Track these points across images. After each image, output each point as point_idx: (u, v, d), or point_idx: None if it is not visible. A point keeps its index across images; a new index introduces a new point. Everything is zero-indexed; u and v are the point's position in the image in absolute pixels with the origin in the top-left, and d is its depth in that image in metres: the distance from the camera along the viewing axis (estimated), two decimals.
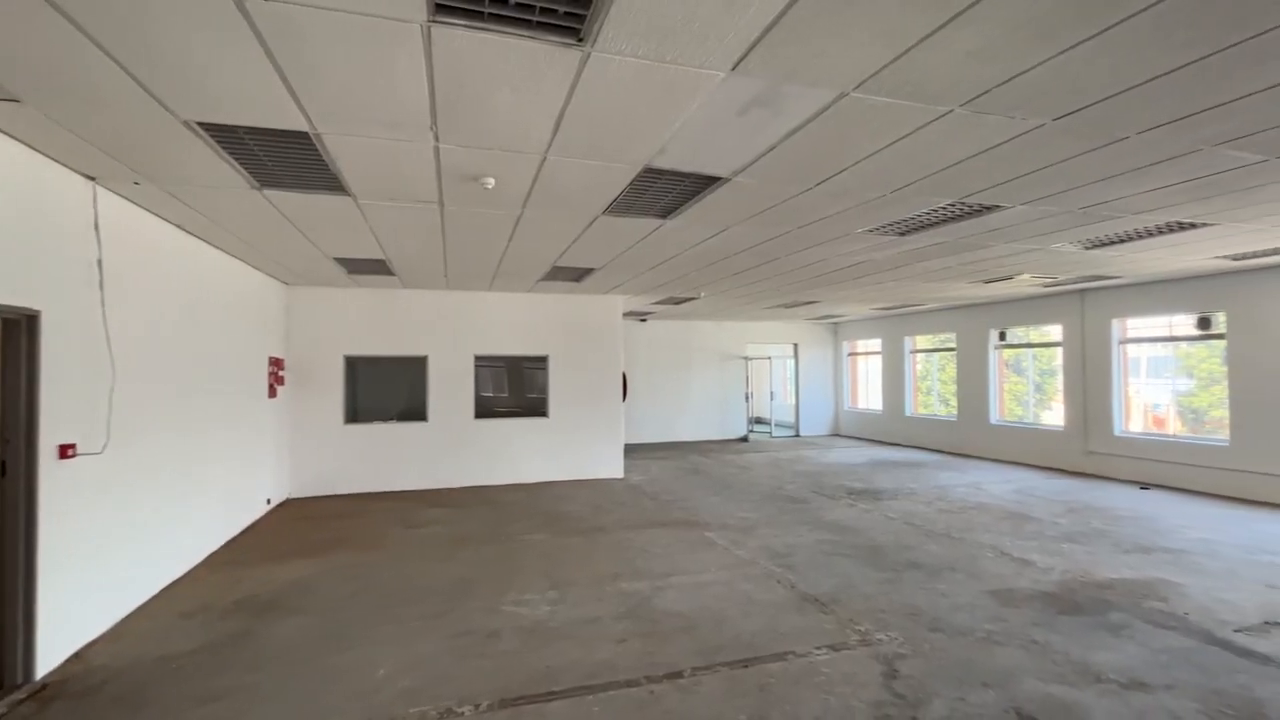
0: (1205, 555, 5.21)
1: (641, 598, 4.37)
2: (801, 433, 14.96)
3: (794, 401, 15.22)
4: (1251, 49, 2.27)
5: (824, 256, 6.30)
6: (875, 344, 14.14)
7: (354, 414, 8.42)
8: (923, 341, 13.01)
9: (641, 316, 12.97)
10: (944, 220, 4.81)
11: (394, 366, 8.63)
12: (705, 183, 3.85)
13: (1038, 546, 5.51)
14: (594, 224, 4.89)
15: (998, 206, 4.42)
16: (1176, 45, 2.25)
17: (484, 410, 8.96)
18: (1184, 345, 9.19)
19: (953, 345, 11.92)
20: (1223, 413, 7.95)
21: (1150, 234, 5.30)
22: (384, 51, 2.28)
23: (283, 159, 3.39)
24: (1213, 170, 3.61)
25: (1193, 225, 5.01)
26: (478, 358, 8.91)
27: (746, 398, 14.62)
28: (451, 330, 8.75)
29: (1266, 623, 3.83)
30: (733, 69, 2.41)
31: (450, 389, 8.71)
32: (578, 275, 7.47)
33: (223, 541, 5.83)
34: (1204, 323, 8.02)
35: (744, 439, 14.21)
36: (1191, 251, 6.16)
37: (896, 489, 8.24)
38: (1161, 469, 8.35)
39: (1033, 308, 10.16)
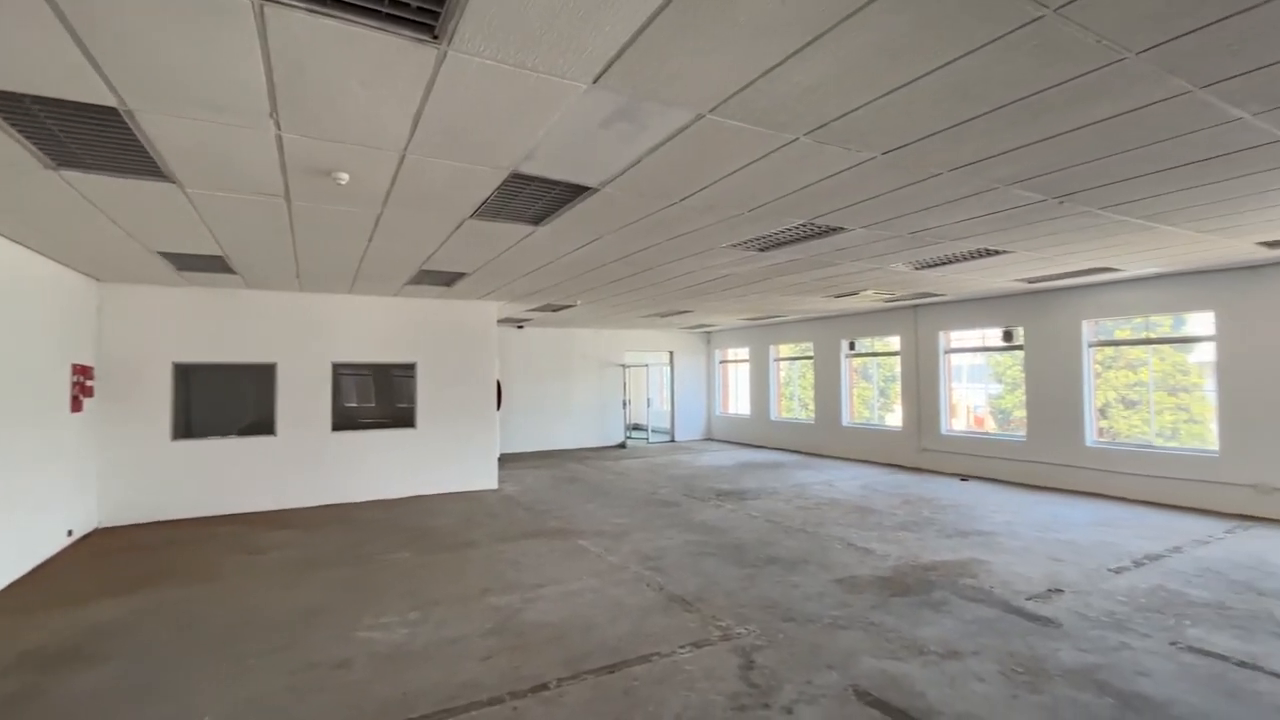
0: (1008, 536, 6.05)
1: (510, 611, 4.27)
2: (677, 438, 15.44)
3: (670, 408, 15.68)
4: (1026, 106, 2.69)
5: (693, 269, 6.57)
6: (744, 353, 14.96)
7: (186, 428, 7.45)
8: (785, 350, 13.97)
9: (518, 323, 12.75)
10: (798, 239, 5.21)
11: (236, 375, 7.76)
12: (575, 191, 3.87)
13: (878, 536, 6.10)
14: (462, 227, 4.74)
15: (842, 228, 4.87)
16: (971, 99, 2.62)
17: (346, 422, 8.32)
18: (995, 355, 10.66)
19: (811, 354, 12.92)
20: (1023, 413, 9.31)
21: (965, 258, 6.10)
22: (209, 27, 2.06)
23: (85, 137, 2.94)
24: (1007, 206, 4.24)
25: (997, 252, 5.84)
26: (337, 365, 8.26)
27: (624, 405, 14.84)
28: (305, 335, 8.04)
29: (1049, 590, 4.53)
30: (594, 82, 2.46)
31: (304, 399, 7.99)
32: (448, 280, 7.19)
33: (3, 585, 4.90)
34: (1008, 336, 9.35)
35: (622, 445, 14.40)
36: (997, 274, 7.17)
37: (760, 489, 8.76)
38: (978, 462, 9.59)
39: (876, 321, 11.28)
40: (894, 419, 11.76)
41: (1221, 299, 7.05)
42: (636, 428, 16.67)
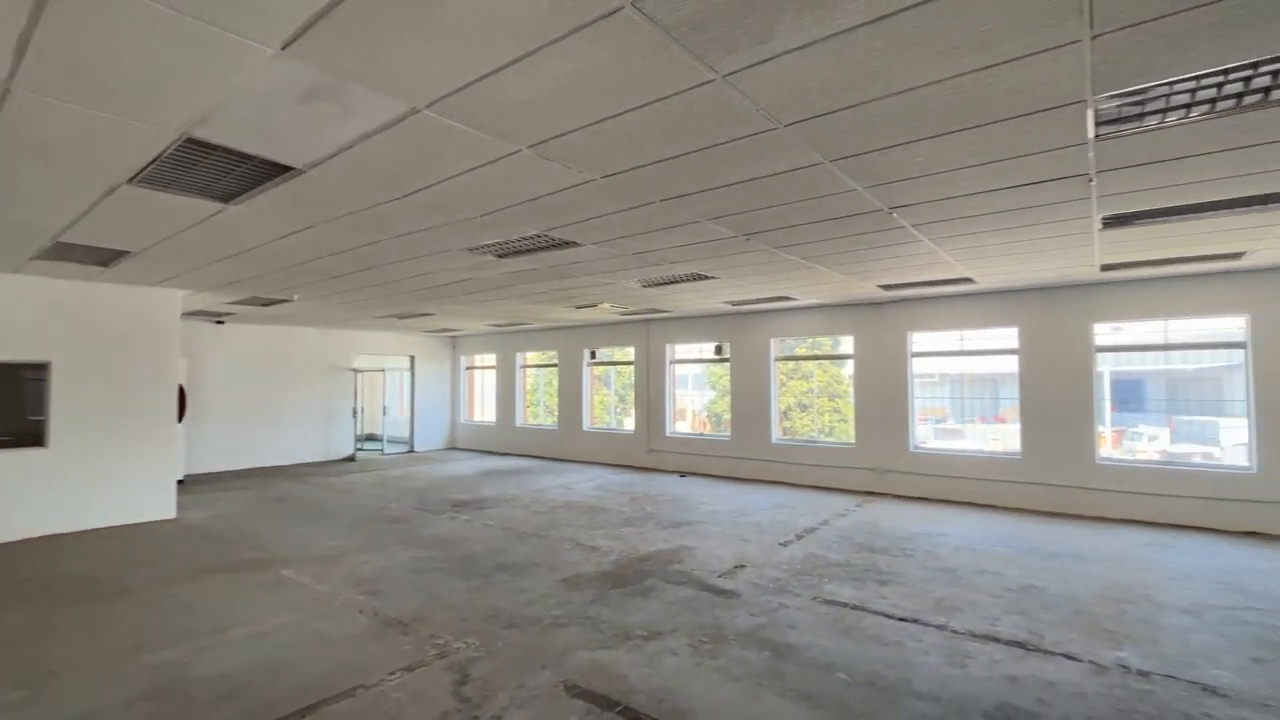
0: (711, 523, 6.97)
1: (174, 668, 3.50)
2: (416, 448, 14.50)
3: (409, 416, 14.67)
4: (712, 154, 3.15)
5: (429, 270, 6.25)
6: (491, 359, 14.75)
7: None
8: (533, 358, 14.15)
9: (217, 318, 10.68)
10: (535, 249, 5.31)
11: None
12: (274, 170, 3.38)
13: (605, 533, 6.51)
14: (116, 194, 3.78)
15: (575, 243, 5.10)
16: (670, 140, 2.96)
17: None
18: (710, 365, 12.24)
19: (556, 362, 13.31)
20: (730, 415, 10.86)
21: (682, 280, 6.90)
22: None
23: None
24: (708, 238, 4.91)
25: (706, 277, 6.72)
26: None
27: (356, 413, 13.44)
28: None
29: (735, 567, 5.33)
30: (283, 48, 2.17)
31: None
32: (104, 258, 5.69)
33: None
34: (719, 350, 10.85)
35: (351, 458, 13.00)
36: (708, 296, 8.27)
37: (499, 496, 8.69)
38: (695, 460, 10.90)
39: (614, 332, 12.11)
40: (629, 423, 12.74)
41: (857, 326, 9.17)
42: (371, 438, 15.26)
